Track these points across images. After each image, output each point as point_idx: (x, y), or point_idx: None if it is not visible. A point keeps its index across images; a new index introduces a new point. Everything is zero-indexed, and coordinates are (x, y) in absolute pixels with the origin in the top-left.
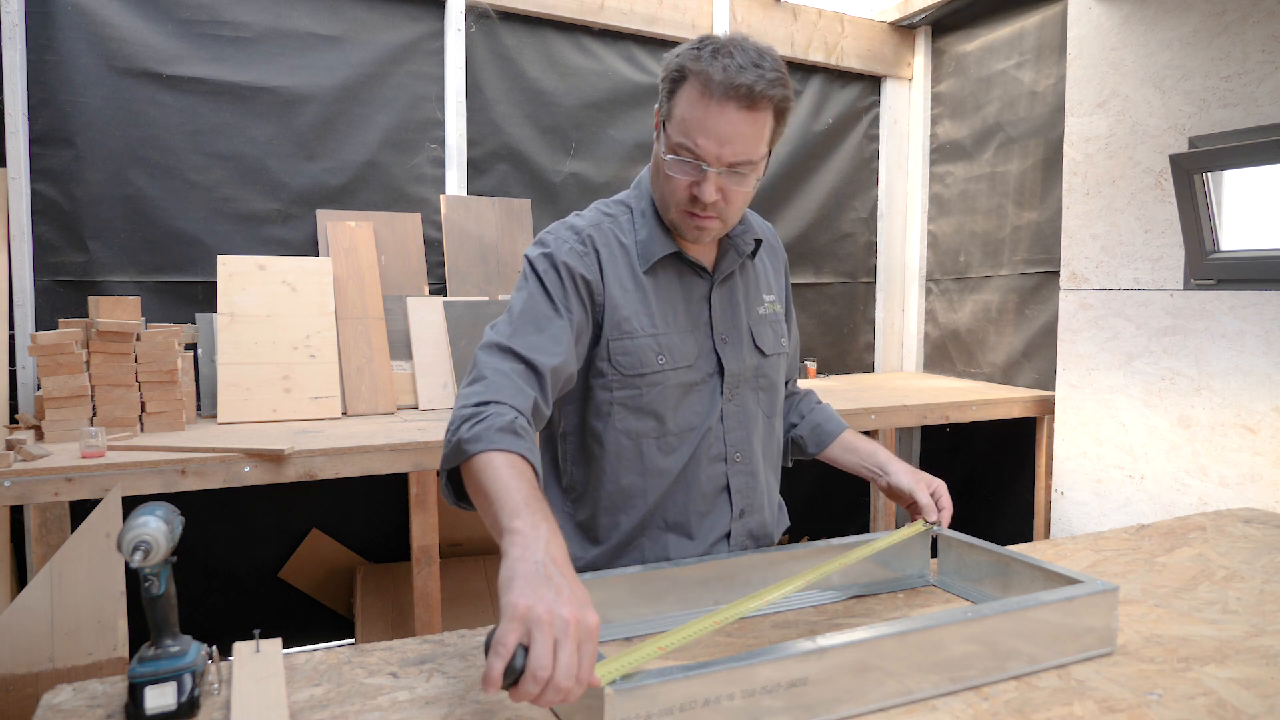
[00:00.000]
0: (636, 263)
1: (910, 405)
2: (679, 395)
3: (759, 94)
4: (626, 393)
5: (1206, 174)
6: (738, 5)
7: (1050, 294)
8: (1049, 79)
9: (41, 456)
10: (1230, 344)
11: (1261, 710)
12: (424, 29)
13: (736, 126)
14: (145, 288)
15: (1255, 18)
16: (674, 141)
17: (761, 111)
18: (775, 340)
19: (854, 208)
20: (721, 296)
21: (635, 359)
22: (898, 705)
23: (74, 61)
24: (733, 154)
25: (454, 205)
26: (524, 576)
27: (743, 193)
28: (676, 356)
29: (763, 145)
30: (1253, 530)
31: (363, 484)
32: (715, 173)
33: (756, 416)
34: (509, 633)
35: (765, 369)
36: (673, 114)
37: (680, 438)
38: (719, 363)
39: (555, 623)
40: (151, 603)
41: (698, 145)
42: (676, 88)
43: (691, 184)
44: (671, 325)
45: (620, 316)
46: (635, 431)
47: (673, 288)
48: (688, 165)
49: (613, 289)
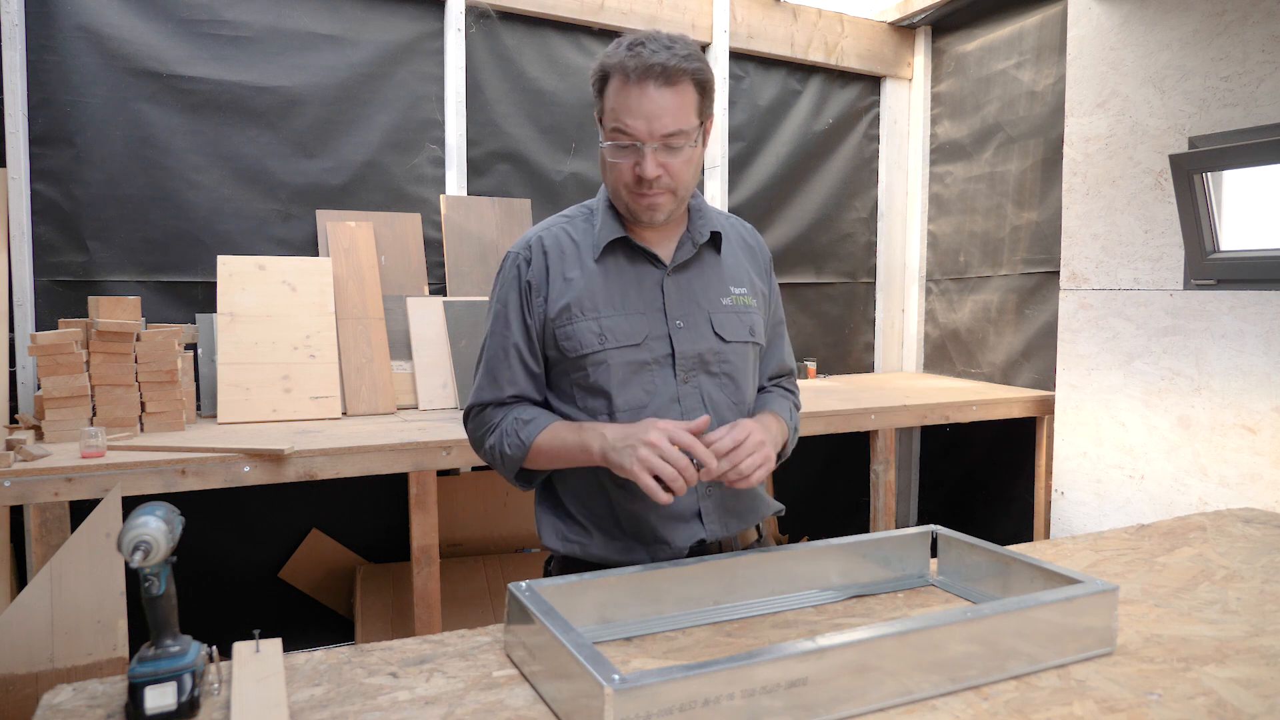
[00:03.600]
0: (588, 254)
1: (910, 405)
2: (626, 374)
3: (673, 69)
4: (578, 374)
5: (1206, 174)
6: (738, 5)
7: (1050, 294)
8: (1049, 79)
9: (41, 456)
10: (1230, 344)
11: (1261, 710)
12: (424, 29)
13: (659, 102)
14: (145, 288)
15: (1255, 18)
16: (609, 129)
17: (680, 84)
18: (740, 330)
19: (854, 208)
20: (678, 283)
21: (577, 341)
22: (898, 705)
23: (74, 61)
24: (662, 127)
25: (454, 205)
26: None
27: (682, 163)
28: (620, 336)
29: (691, 116)
30: (1253, 530)
31: (363, 484)
32: (651, 149)
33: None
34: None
35: (727, 355)
36: (604, 109)
37: (630, 415)
38: (672, 345)
39: (648, 459)
40: (151, 603)
41: (629, 126)
42: (604, 86)
43: (633, 165)
44: (619, 308)
45: (562, 305)
46: (591, 409)
47: (624, 274)
48: (625, 149)
49: (555, 282)
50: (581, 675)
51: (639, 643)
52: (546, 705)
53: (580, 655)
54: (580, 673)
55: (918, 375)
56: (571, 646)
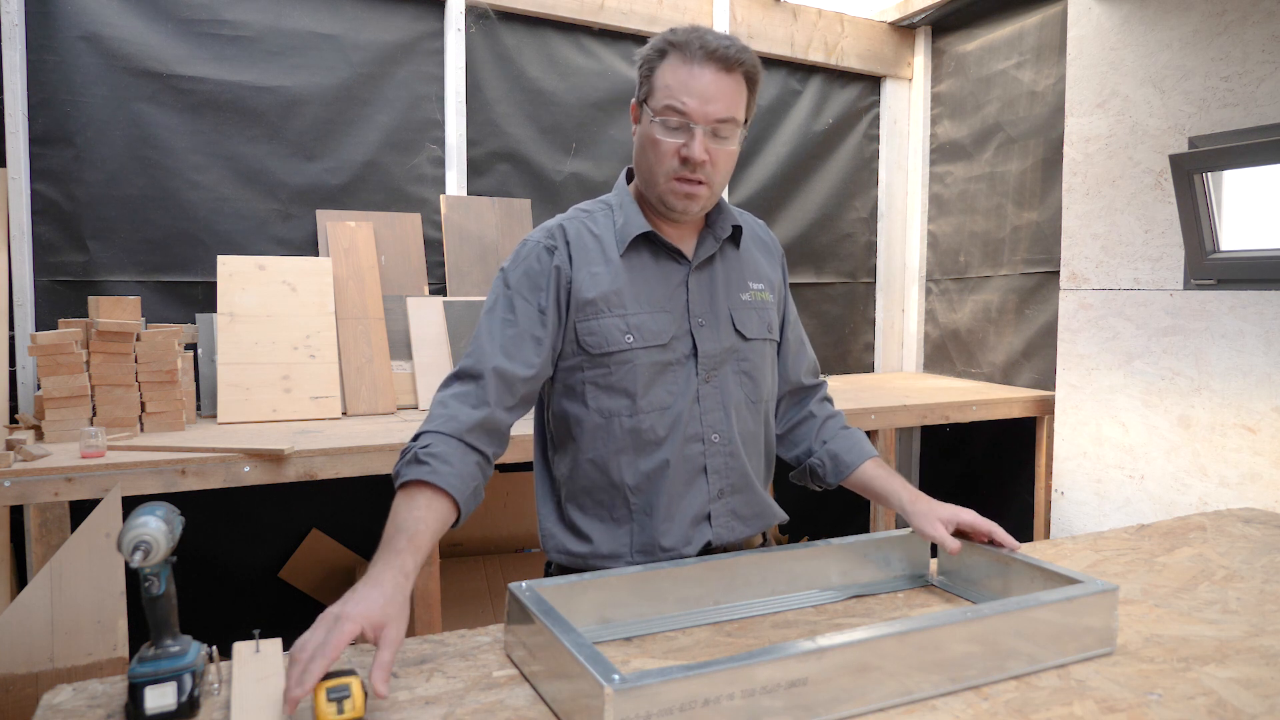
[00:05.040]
0: (612, 250)
1: (910, 405)
2: (651, 374)
3: (733, 58)
4: (597, 371)
5: (1206, 174)
6: (738, 5)
7: (1050, 294)
8: (1049, 79)
9: (41, 456)
10: (1230, 344)
11: (1261, 710)
12: (424, 29)
13: (718, 85)
14: (145, 288)
15: (1255, 18)
16: (661, 106)
17: (736, 74)
18: (760, 327)
19: (854, 208)
20: (700, 281)
21: (601, 338)
22: (898, 705)
23: (74, 61)
24: (716, 111)
25: (454, 205)
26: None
27: (726, 153)
28: (646, 335)
29: (741, 109)
30: (1253, 530)
31: (363, 484)
32: (702, 130)
33: (738, 400)
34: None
35: (746, 353)
36: (655, 87)
37: (652, 416)
38: (694, 344)
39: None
40: (151, 603)
41: (685, 104)
42: (656, 65)
43: (680, 146)
44: (644, 306)
45: (585, 299)
46: (608, 410)
47: (649, 271)
48: (675, 129)
49: (579, 274)
50: (581, 675)
51: (639, 643)
52: (546, 705)
53: (580, 655)
54: (580, 673)
55: (918, 375)
56: (571, 646)
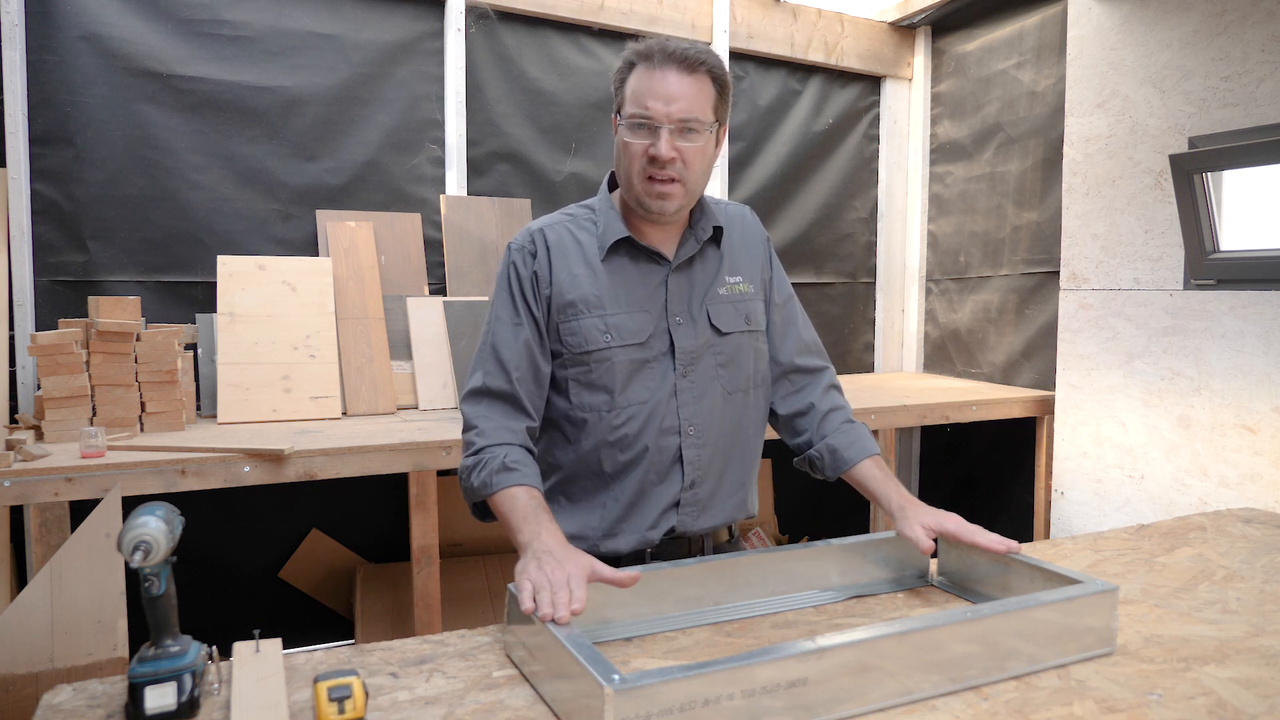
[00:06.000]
0: (593, 253)
1: (910, 405)
2: (629, 371)
3: (694, 59)
4: (578, 369)
5: (1206, 174)
6: (738, 5)
7: (1050, 294)
8: (1049, 79)
9: (41, 456)
10: (1230, 344)
11: (1261, 710)
12: (424, 29)
13: (679, 86)
14: (145, 288)
15: (1255, 18)
16: (628, 113)
17: (699, 75)
18: (737, 320)
19: (854, 208)
20: (679, 280)
21: (581, 338)
22: (898, 705)
23: (74, 61)
24: (680, 111)
25: (454, 205)
26: (525, 561)
27: (695, 150)
28: (624, 334)
29: (708, 109)
30: (1253, 530)
31: (363, 484)
32: (667, 130)
33: (716, 393)
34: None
35: (723, 347)
36: (625, 97)
37: (630, 411)
38: (671, 341)
39: (538, 580)
40: (151, 603)
41: (648, 108)
42: (625, 77)
43: (648, 146)
44: (623, 306)
45: (566, 300)
46: (589, 405)
47: (628, 273)
48: (642, 129)
49: (560, 276)
50: (581, 675)
51: (639, 643)
52: (546, 705)
53: (580, 655)
54: (580, 673)
55: (918, 375)
56: (571, 646)
